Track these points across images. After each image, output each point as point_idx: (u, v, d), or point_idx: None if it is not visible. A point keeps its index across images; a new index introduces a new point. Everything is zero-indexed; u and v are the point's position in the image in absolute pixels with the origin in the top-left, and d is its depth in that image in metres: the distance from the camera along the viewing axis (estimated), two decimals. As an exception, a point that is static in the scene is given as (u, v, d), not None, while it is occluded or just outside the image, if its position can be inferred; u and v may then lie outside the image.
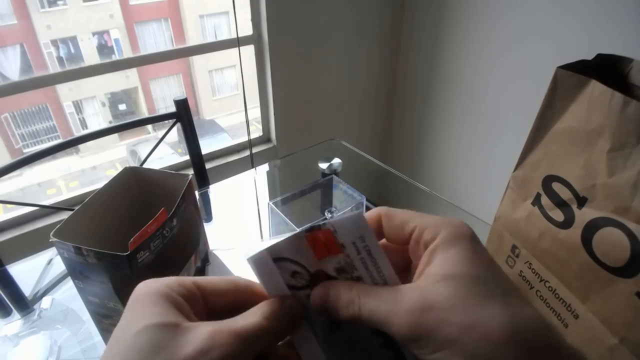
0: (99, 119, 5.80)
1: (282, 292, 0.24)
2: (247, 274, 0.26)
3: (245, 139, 1.83)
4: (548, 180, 0.45)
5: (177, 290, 0.22)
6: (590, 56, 0.43)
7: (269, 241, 0.24)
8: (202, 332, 0.20)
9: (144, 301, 0.21)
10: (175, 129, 1.10)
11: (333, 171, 0.94)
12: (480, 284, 0.20)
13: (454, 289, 0.20)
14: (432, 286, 0.21)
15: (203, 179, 1.15)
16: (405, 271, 0.26)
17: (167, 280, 0.23)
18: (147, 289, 0.22)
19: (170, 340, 0.19)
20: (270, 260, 0.23)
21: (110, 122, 5.86)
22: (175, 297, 0.22)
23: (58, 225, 0.47)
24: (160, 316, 0.20)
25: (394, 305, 0.21)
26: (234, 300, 0.24)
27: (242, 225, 0.88)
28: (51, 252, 0.78)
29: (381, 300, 0.22)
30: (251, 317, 0.22)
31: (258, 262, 0.23)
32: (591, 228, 0.40)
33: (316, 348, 0.25)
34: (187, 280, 0.23)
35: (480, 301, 0.20)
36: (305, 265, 0.24)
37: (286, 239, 0.23)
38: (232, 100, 6.01)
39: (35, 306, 0.67)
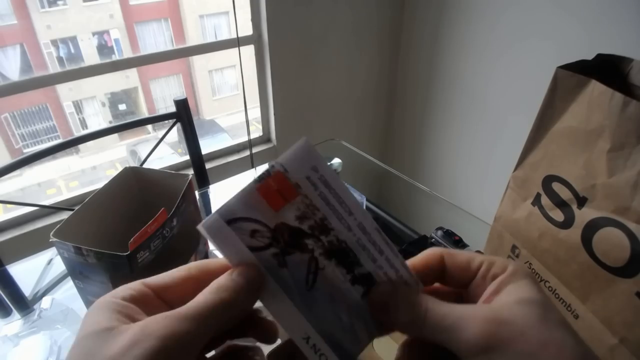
0: (99, 119, 5.80)
1: (245, 257, 0.22)
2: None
3: (245, 139, 1.83)
4: (548, 180, 0.45)
5: (123, 296, 0.22)
6: (590, 56, 0.43)
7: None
8: (131, 329, 0.20)
9: (89, 314, 0.22)
10: (175, 129, 1.10)
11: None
12: (553, 310, 0.21)
13: (530, 310, 0.21)
14: (507, 305, 0.21)
15: (203, 179, 1.15)
16: None
17: (116, 289, 0.23)
18: (97, 302, 0.22)
19: (100, 345, 0.19)
20: (225, 224, 0.21)
21: (110, 122, 5.86)
22: (120, 303, 0.22)
23: (58, 225, 0.47)
24: (97, 324, 0.20)
25: (468, 312, 0.21)
26: (194, 286, 0.23)
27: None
28: (51, 252, 0.78)
29: (453, 308, 0.22)
30: (200, 297, 0.21)
31: (212, 228, 0.21)
32: (591, 228, 0.40)
33: (292, 310, 0.24)
34: (135, 283, 0.23)
35: (554, 325, 0.20)
36: (264, 221, 0.22)
37: (236, 195, 0.21)
38: (232, 100, 6.01)
39: (35, 306, 0.67)
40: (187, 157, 1.30)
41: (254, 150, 1.86)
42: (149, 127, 5.35)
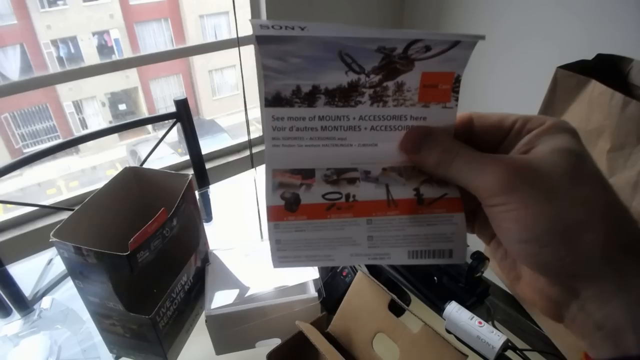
0: (99, 119, 5.80)
1: None
2: (248, 275, 0.26)
3: (245, 139, 1.83)
4: (548, 180, 0.45)
5: None
6: (590, 56, 0.43)
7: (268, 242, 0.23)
8: None
9: None
10: (175, 129, 1.10)
11: (333, 171, 0.94)
12: (587, 162, 0.20)
13: (562, 159, 0.20)
14: (539, 154, 0.20)
15: (203, 179, 1.15)
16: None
17: None
18: None
19: None
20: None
21: (110, 122, 5.86)
22: None
23: (58, 225, 0.47)
24: None
25: (496, 157, 0.21)
26: None
27: (242, 225, 0.88)
28: (51, 252, 0.78)
29: (482, 154, 0.21)
30: None
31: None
32: (591, 228, 0.40)
33: None
34: None
35: (585, 175, 0.20)
36: None
37: None
38: (232, 100, 6.02)
39: (35, 306, 0.67)
40: (187, 157, 1.30)
41: (254, 150, 1.86)
42: (149, 127, 5.35)
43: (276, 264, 0.23)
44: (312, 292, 0.54)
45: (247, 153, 1.85)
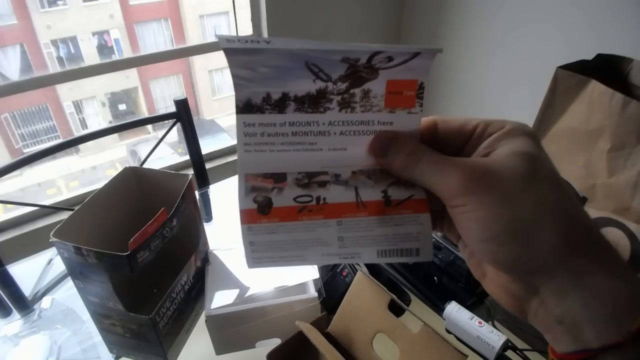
0: (99, 119, 5.80)
1: None
2: (248, 275, 0.26)
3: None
4: (548, 180, 0.45)
5: None
6: (590, 56, 0.43)
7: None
8: None
9: None
10: (175, 129, 1.10)
11: (333, 171, 0.94)
12: (544, 165, 0.21)
13: (519, 162, 0.21)
14: (497, 157, 0.21)
15: (203, 179, 1.15)
16: None
17: None
18: None
19: None
20: None
21: (110, 122, 5.86)
22: None
23: (58, 225, 0.47)
24: None
25: (457, 161, 0.22)
26: None
27: (242, 225, 0.88)
28: (51, 252, 0.78)
29: (444, 157, 0.22)
30: None
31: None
32: (591, 228, 0.40)
33: None
34: None
35: (541, 178, 0.20)
36: None
37: None
38: (232, 100, 6.00)
39: (35, 306, 0.67)
40: (187, 157, 1.30)
41: (254, 150, 1.86)
42: (149, 127, 5.35)
43: (250, 264, 0.24)
44: (312, 292, 0.54)
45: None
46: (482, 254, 0.22)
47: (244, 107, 0.23)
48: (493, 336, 0.50)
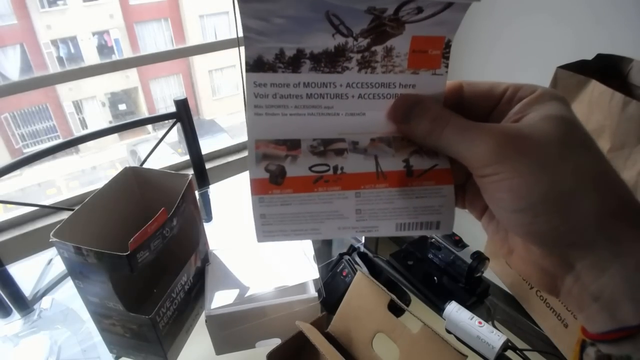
0: (99, 119, 5.80)
1: None
2: (248, 275, 0.26)
3: (245, 139, 1.83)
4: (548, 180, 0.45)
5: None
6: (590, 56, 0.43)
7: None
8: None
9: None
10: (175, 129, 1.10)
11: (333, 171, 0.94)
12: (578, 129, 0.20)
13: (552, 126, 0.19)
14: (530, 122, 0.20)
15: (203, 179, 1.15)
16: None
17: None
18: None
19: None
20: None
21: (110, 122, 5.86)
22: None
23: (58, 225, 0.47)
24: None
25: (487, 126, 0.20)
26: None
27: (242, 225, 0.88)
28: (51, 252, 0.78)
29: (473, 123, 0.21)
30: None
31: None
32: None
33: None
34: None
35: (577, 142, 0.19)
36: None
37: None
38: (232, 100, 6.01)
39: (35, 306, 0.67)
40: (187, 157, 1.30)
41: (254, 150, 1.86)
42: (149, 127, 5.35)
43: (260, 238, 0.22)
44: (312, 292, 0.54)
45: (247, 153, 1.85)
46: (515, 227, 0.20)
47: (255, 65, 0.21)
48: (493, 336, 0.50)
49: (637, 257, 0.18)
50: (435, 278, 0.64)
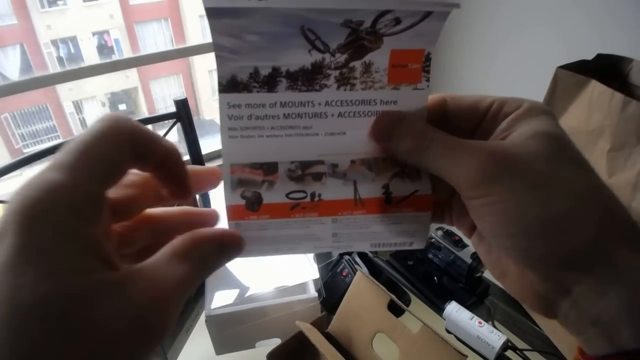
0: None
1: None
2: (248, 275, 0.26)
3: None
4: (548, 180, 0.45)
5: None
6: (590, 56, 0.43)
7: None
8: None
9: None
10: (175, 128, 1.10)
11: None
12: (568, 146, 0.19)
13: (541, 144, 0.18)
14: (518, 140, 0.19)
15: (203, 179, 1.15)
16: None
17: None
18: None
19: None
20: None
21: (110, 122, 5.84)
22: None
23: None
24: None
25: (473, 144, 0.19)
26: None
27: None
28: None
29: (458, 140, 0.20)
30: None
31: None
32: (591, 228, 0.40)
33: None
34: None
35: (567, 160, 0.19)
36: None
37: None
38: (232, 100, 5.99)
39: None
40: (187, 157, 1.30)
41: (254, 150, 1.86)
42: (149, 127, 5.35)
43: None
44: (312, 292, 0.54)
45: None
46: (509, 251, 0.19)
47: (228, 85, 0.20)
48: (493, 336, 0.50)
49: (634, 279, 0.17)
50: (435, 278, 0.64)
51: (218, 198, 0.23)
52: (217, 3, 0.18)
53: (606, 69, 0.42)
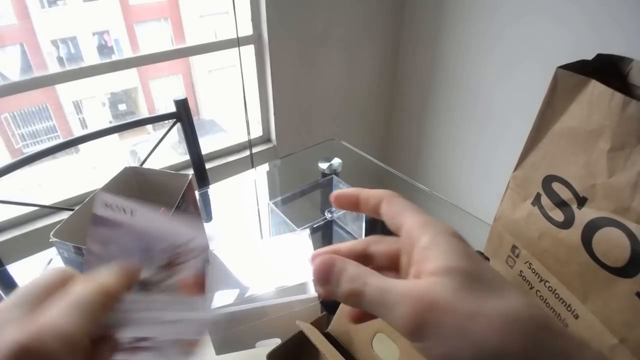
0: (99, 119, 5.80)
1: None
2: (248, 275, 0.26)
3: (245, 139, 1.83)
4: (548, 180, 0.45)
5: None
6: (590, 56, 0.43)
7: (269, 239, 0.23)
8: None
9: None
10: (175, 128, 1.10)
11: (333, 171, 0.94)
12: (479, 278, 0.20)
13: (456, 282, 0.20)
14: (436, 280, 0.20)
15: (203, 179, 1.15)
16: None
17: None
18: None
19: None
20: None
21: (110, 122, 5.86)
22: None
23: (58, 225, 0.47)
24: None
25: (402, 289, 0.21)
26: None
27: (242, 225, 0.88)
28: (51, 252, 0.78)
29: (390, 283, 0.21)
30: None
31: None
32: (591, 228, 0.40)
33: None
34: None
35: (482, 293, 0.20)
36: None
37: None
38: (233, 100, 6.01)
39: (35, 306, 0.67)
40: (187, 157, 1.30)
41: (254, 150, 1.86)
42: (149, 127, 5.34)
43: None
44: (312, 292, 0.54)
45: (247, 153, 1.85)
46: None
47: None
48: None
49: None
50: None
51: (217, 197, 0.25)
52: (104, 212, 0.23)
53: (606, 69, 0.42)
